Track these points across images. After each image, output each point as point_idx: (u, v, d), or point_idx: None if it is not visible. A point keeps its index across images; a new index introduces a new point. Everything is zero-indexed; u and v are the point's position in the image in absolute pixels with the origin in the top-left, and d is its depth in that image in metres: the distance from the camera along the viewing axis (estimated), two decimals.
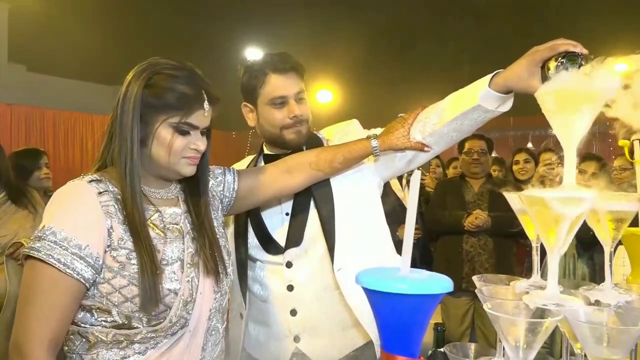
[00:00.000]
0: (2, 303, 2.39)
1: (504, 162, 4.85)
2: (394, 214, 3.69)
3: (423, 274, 0.67)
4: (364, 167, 1.60)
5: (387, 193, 3.80)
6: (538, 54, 1.19)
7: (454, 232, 3.49)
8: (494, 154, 5.12)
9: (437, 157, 5.27)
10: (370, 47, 9.09)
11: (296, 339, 1.60)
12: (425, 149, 1.50)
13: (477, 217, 3.35)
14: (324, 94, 11.45)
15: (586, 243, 2.95)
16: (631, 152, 1.29)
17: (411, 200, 0.69)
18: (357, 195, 1.61)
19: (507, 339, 0.92)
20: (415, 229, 3.65)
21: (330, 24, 8.81)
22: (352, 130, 1.70)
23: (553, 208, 0.93)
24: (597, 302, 1.03)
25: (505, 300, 0.98)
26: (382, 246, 1.67)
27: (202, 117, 1.20)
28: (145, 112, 1.15)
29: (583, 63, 1.09)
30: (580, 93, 0.90)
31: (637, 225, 1.19)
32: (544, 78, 1.21)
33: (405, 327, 0.65)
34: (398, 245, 3.69)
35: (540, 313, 0.94)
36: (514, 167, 4.30)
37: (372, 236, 1.64)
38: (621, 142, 1.31)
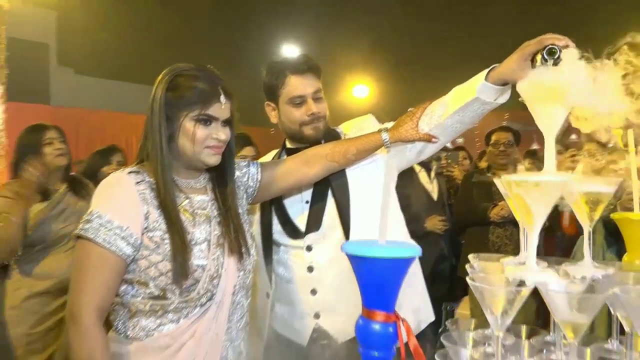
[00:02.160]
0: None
1: (536, 154, 4.86)
2: (422, 205, 3.81)
3: (396, 243, 0.80)
4: (377, 158, 1.73)
5: (415, 185, 3.92)
6: (527, 48, 1.29)
7: (480, 223, 3.57)
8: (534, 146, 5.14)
9: (465, 149, 5.32)
10: (407, 40, 9.11)
11: (316, 315, 1.75)
12: (433, 140, 1.62)
13: (503, 208, 3.41)
14: (361, 88, 11.55)
15: (615, 233, 2.97)
16: (625, 142, 1.38)
17: (385, 182, 0.82)
18: (371, 185, 1.74)
19: (490, 308, 1.05)
20: (443, 220, 3.75)
21: (365, 18, 8.87)
22: (367, 125, 1.83)
23: (530, 192, 1.04)
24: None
25: (488, 274, 1.09)
26: (396, 233, 1.79)
27: (220, 109, 1.37)
28: (170, 110, 1.33)
29: (561, 56, 1.18)
30: (550, 87, 1.01)
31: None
32: None
33: (381, 287, 0.79)
34: (426, 236, 3.80)
35: (519, 285, 1.06)
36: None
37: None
38: (615, 132, 1.40)
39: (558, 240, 3.99)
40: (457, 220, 3.94)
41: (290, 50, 10.25)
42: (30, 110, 7.96)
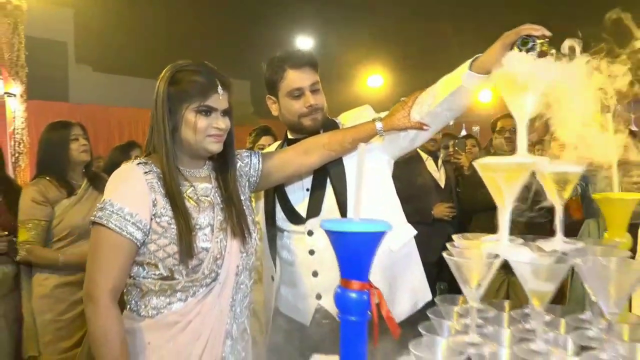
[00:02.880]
0: None
1: (542, 142, 4.88)
2: (429, 193, 3.89)
3: (369, 221, 0.90)
4: (372, 147, 1.82)
5: (423, 174, 4.00)
6: (507, 38, 1.39)
7: (487, 209, 3.62)
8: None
9: (474, 137, 5.37)
10: (421, 31, 9.12)
11: (318, 296, 1.86)
12: (424, 127, 1.71)
13: None
14: (375, 79, 11.60)
15: None
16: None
17: (358, 167, 0.92)
18: (367, 172, 1.83)
19: (465, 280, 1.14)
20: (450, 207, 3.82)
21: (379, 8, 8.89)
22: (364, 115, 1.92)
23: (500, 173, 1.13)
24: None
25: (465, 249, 1.19)
26: (392, 217, 1.88)
27: (218, 100, 1.47)
28: (172, 104, 1.44)
29: (536, 45, 1.27)
30: (518, 77, 1.09)
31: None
32: None
33: (355, 258, 0.89)
34: (434, 222, 3.87)
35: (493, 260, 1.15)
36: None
37: (382, 208, 1.86)
38: (595, 116, 1.47)
39: (568, 225, 4.04)
40: (464, 206, 4.01)
41: (304, 43, 10.32)
42: (50, 108, 8.16)
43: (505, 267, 1.11)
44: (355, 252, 0.88)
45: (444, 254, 1.14)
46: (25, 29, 6.06)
